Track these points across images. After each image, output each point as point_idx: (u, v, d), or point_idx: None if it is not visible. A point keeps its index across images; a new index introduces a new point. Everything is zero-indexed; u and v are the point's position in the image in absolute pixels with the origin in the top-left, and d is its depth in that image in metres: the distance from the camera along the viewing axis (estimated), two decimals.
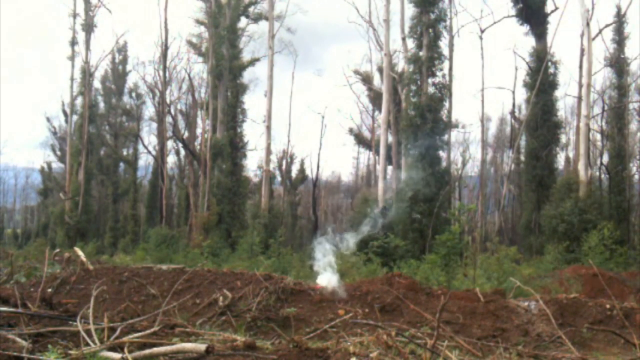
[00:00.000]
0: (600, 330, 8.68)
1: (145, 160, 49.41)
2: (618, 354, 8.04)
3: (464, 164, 45.27)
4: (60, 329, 6.44)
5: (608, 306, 9.43)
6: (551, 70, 29.09)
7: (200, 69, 39.32)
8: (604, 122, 33.12)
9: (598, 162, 34.74)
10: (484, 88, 33.82)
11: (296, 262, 19.79)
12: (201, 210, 30.97)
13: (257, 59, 35.41)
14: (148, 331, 6.25)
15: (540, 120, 28.63)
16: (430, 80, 26.01)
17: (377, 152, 34.40)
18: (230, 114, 32.44)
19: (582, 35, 28.92)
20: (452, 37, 29.71)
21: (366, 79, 41.30)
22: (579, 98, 29.48)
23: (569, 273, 15.11)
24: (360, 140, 44.58)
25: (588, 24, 25.51)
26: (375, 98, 39.58)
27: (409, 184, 24.74)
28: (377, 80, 40.47)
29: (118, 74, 47.31)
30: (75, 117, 38.19)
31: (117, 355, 5.27)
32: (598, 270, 13.80)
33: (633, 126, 33.29)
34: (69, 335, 6.22)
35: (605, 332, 8.62)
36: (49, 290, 9.78)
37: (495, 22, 35.26)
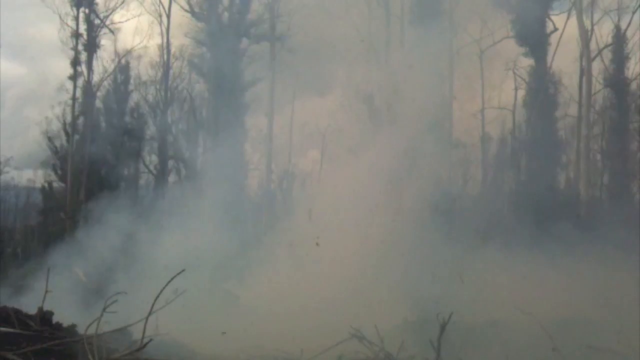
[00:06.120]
0: None
1: (146, 180, 49.28)
2: None
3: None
4: (59, 347, 6.43)
5: None
6: (551, 90, 29.22)
7: (201, 89, 39.42)
8: (604, 142, 33.16)
9: (599, 182, 34.70)
10: (484, 108, 33.85)
11: None
12: None
13: (259, 79, 35.53)
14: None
15: (541, 140, 28.70)
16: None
17: None
18: (232, 134, 32.49)
19: (581, 56, 29.07)
20: (452, 58, 29.85)
21: (367, 99, 41.26)
22: (579, 118, 29.55)
23: None
24: None
25: (587, 45, 25.67)
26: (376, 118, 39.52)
27: None
28: (377, 100, 40.42)
29: (120, 93, 47.38)
30: (76, 137, 38.26)
31: None
32: None
33: (633, 146, 33.27)
34: (68, 354, 6.21)
35: None
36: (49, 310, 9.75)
37: (495, 43, 35.37)
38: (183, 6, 35.31)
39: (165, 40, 35.14)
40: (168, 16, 35.75)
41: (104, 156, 43.51)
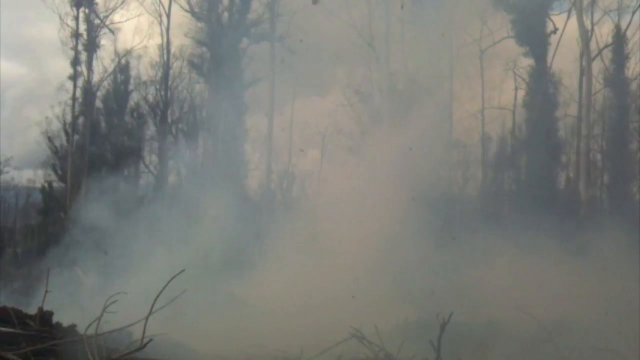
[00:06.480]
0: None
1: (146, 180, 49.25)
2: None
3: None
4: (59, 347, 6.43)
5: None
6: (551, 90, 29.23)
7: (201, 89, 39.47)
8: (604, 142, 33.18)
9: (599, 182, 34.74)
10: (484, 108, 33.87)
11: None
12: None
13: (259, 79, 35.53)
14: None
15: (540, 140, 28.71)
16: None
17: None
18: (231, 134, 32.53)
19: (581, 56, 29.07)
20: (452, 58, 29.88)
21: (367, 99, 41.29)
22: (579, 118, 29.56)
23: None
24: None
25: (587, 45, 25.68)
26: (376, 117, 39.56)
27: None
28: (377, 100, 40.45)
29: (120, 93, 47.37)
30: (76, 137, 38.29)
31: None
32: None
33: (633, 146, 33.30)
34: (68, 354, 6.21)
35: None
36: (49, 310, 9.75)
37: (495, 43, 35.42)
38: (183, 6, 35.35)
39: (165, 40, 35.19)
40: (168, 16, 35.78)
41: (104, 156, 43.56)
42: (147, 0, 36.07)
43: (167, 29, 35.12)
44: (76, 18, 36.06)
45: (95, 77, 38.66)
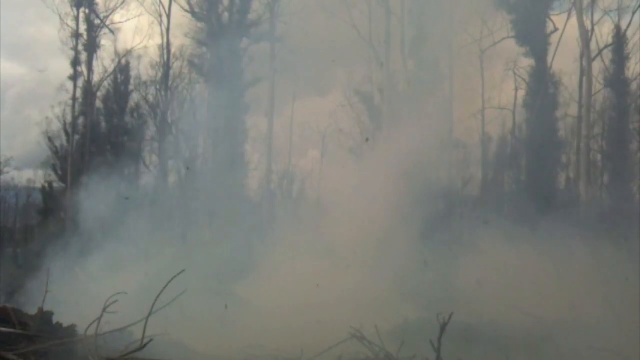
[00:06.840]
0: None
1: (146, 180, 49.22)
2: None
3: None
4: (58, 348, 6.43)
5: None
6: (551, 90, 29.21)
7: (201, 89, 39.44)
8: (604, 142, 33.15)
9: (599, 182, 34.71)
10: (484, 108, 33.86)
11: None
12: None
13: (259, 79, 35.51)
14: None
15: (540, 140, 28.69)
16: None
17: None
18: (231, 134, 32.52)
19: (581, 56, 29.07)
20: (452, 58, 29.87)
21: (367, 99, 41.27)
22: (579, 118, 29.56)
23: None
24: None
25: (587, 45, 25.67)
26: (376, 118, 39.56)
27: None
28: (377, 100, 40.44)
29: (120, 93, 47.35)
30: (76, 137, 38.28)
31: None
32: None
33: (633, 146, 33.28)
34: (68, 354, 6.21)
35: None
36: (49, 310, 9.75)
37: (495, 43, 35.41)
38: (183, 6, 35.33)
39: (165, 40, 35.19)
40: (168, 16, 35.80)
41: (104, 156, 43.49)
42: (147, 0, 36.08)
43: (167, 29, 35.17)
44: (76, 18, 36.05)
45: (95, 77, 38.62)
